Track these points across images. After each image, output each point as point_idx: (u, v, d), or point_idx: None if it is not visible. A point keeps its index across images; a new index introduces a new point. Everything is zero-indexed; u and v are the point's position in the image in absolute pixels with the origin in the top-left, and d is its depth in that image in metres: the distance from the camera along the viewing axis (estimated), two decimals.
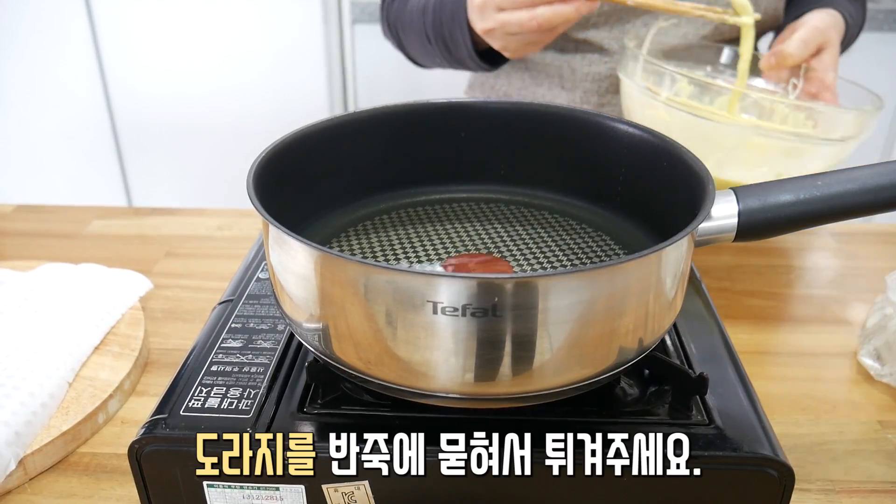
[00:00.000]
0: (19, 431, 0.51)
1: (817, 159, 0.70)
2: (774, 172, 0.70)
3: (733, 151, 0.69)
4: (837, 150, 0.70)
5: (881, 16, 1.63)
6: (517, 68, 0.98)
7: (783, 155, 0.69)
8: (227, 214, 0.91)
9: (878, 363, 0.61)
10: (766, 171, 0.70)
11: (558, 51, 0.94)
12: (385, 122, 0.56)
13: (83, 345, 0.60)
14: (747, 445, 0.42)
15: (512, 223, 0.57)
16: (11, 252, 0.82)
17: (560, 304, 0.37)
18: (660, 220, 0.51)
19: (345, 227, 0.56)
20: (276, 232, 0.40)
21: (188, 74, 1.82)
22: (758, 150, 0.69)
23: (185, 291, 0.75)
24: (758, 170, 0.70)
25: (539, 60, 0.95)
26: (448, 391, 0.40)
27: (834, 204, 0.43)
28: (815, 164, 0.70)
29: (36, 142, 1.92)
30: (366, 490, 0.43)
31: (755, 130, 0.68)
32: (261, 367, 0.48)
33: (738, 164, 0.70)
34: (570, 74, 0.94)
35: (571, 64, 0.94)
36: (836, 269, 0.79)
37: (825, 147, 0.69)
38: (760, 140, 0.68)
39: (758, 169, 0.70)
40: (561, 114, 0.56)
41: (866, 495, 0.50)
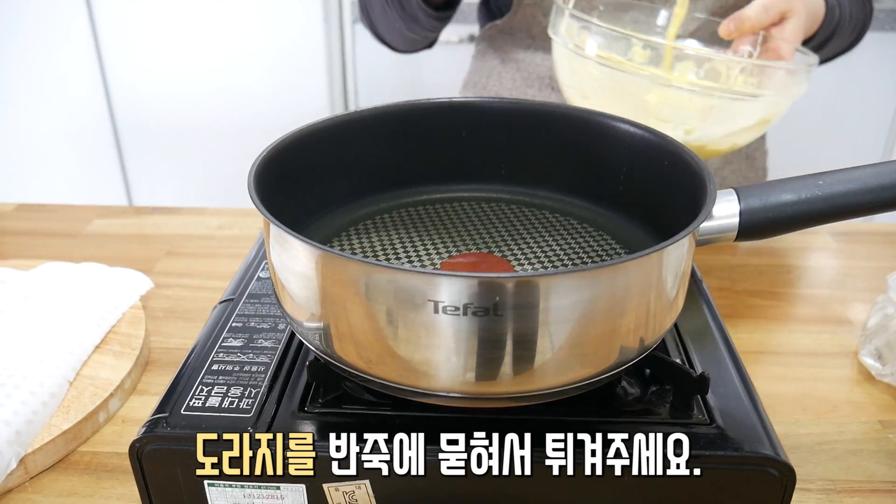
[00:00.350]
0: (20, 430, 0.51)
1: (731, 117, 0.67)
2: (683, 128, 0.67)
3: (642, 104, 0.66)
4: (750, 109, 0.66)
5: (882, 15, 1.62)
6: (508, 69, 0.97)
7: (694, 112, 0.66)
8: (228, 214, 0.91)
9: (879, 363, 0.61)
10: (672, 127, 0.67)
11: (548, 51, 0.93)
12: (386, 121, 0.56)
13: (84, 344, 0.60)
14: (748, 445, 0.42)
15: (513, 222, 0.57)
16: (12, 251, 0.82)
17: (561, 303, 0.37)
18: (661, 219, 0.51)
19: (346, 226, 0.56)
20: (277, 231, 0.40)
21: (189, 74, 1.82)
22: (665, 104, 0.66)
23: (185, 290, 0.75)
24: (666, 124, 0.66)
25: (530, 61, 0.95)
26: (449, 390, 0.40)
27: (835, 203, 0.43)
28: (728, 124, 0.67)
29: (37, 141, 1.92)
30: (367, 489, 0.43)
31: (655, 79, 0.65)
32: (262, 367, 0.48)
33: (648, 119, 0.65)
34: None
35: None
36: (836, 268, 0.79)
37: (737, 104, 0.65)
38: (665, 93, 0.65)
39: (665, 123, 0.67)
40: (562, 113, 0.56)
41: (867, 495, 0.50)
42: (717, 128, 0.67)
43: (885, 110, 1.74)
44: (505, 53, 0.97)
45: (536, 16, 0.90)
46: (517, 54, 0.96)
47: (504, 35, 0.97)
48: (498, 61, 0.98)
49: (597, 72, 0.68)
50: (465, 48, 1.78)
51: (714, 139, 0.68)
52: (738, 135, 0.69)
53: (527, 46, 0.94)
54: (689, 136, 0.68)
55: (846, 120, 1.74)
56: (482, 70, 1.00)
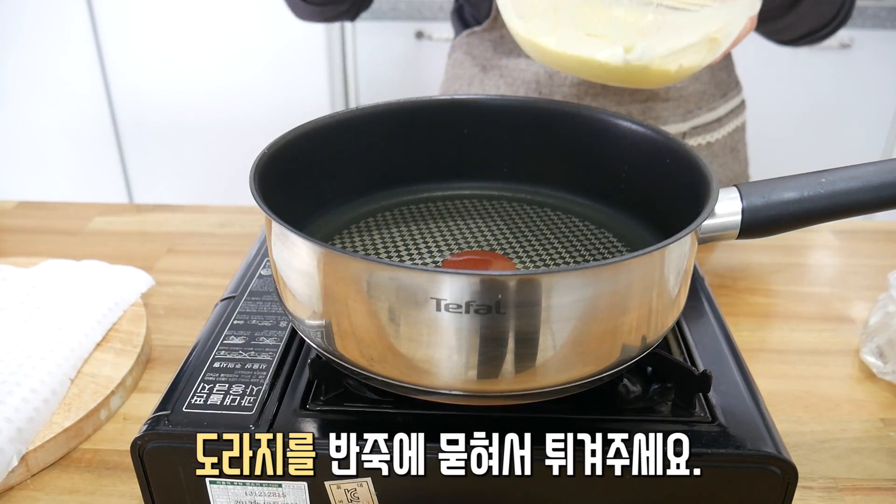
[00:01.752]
0: (21, 428, 0.51)
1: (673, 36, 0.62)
2: (622, 46, 0.62)
3: (575, 19, 0.63)
4: (695, 25, 0.62)
5: (884, 13, 1.62)
6: (491, 76, 0.94)
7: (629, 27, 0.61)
8: (229, 211, 0.91)
9: (880, 361, 0.61)
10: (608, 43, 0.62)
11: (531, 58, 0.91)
12: (388, 119, 0.56)
13: (85, 341, 0.60)
14: (751, 443, 0.42)
15: (515, 220, 0.57)
16: (13, 248, 0.82)
17: (563, 301, 0.37)
18: (663, 217, 0.51)
19: (347, 223, 0.56)
20: (279, 228, 0.40)
21: (190, 71, 1.82)
22: (600, 18, 0.62)
23: (186, 288, 0.75)
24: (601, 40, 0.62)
25: (514, 67, 0.92)
26: (451, 388, 0.40)
27: (838, 201, 0.43)
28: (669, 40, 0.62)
29: (37, 138, 1.92)
30: (368, 487, 0.43)
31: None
32: (263, 364, 0.48)
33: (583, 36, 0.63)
34: (547, 80, 0.91)
35: (548, 69, 0.90)
36: (838, 266, 0.79)
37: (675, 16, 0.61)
38: (597, 6, 0.61)
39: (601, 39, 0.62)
40: (564, 110, 0.56)
41: (869, 493, 0.50)
42: (659, 45, 0.62)
43: (886, 108, 1.74)
44: (486, 61, 0.94)
45: None
46: (499, 61, 0.93)
47: (483, 42, 0.94)
48: (478, 69, 0.95)
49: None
50: None
51: (658, 57, 0.63)
52: (684, 54, 0.64)
53: (509, 52, 0.91)
54: (629, 54, 0.62)
55: (847, 118, 1.74)
56: (461, 78, 0.97)
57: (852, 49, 1.65)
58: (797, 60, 1.60)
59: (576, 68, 0.66)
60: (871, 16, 1.62)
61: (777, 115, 1.70)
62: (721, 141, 0.94)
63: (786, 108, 1.70)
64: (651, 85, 0.68)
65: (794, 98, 1.69)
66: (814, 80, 1.68)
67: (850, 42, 1.63)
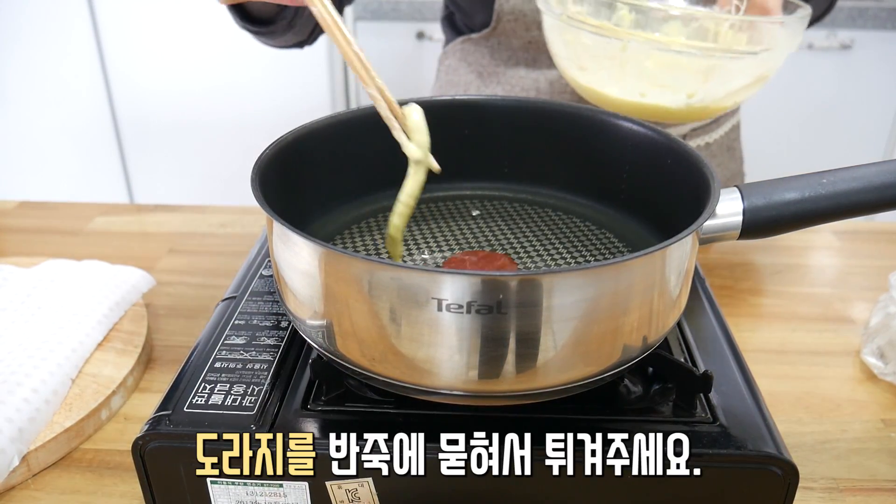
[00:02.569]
0: (23, 428, 0.51)
1: (731, 76, 0.66)
2: (685, 93, 0.67)
3: (640, 71, 0.66)
4: (750, 66, 0.66)
5: (884, 14, 1.62)
6: (488, 83, 0.93)
7: (694, 73, 0.65)
8: (230, 212, 0.91)
9: (881, 362, 0.61)
10: (675, 93, 0.67)
11: (530, 65, 0.90)
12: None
13: (86, 341, 0.60)
14: (752, 443, 0.42)
15: (516, 220, 0.57)
16: (14, 248, 0.82)
17: (565, 301, 0.37)
18: (664, 217, 0.51)
19: (349, 224, 0.56)
20: (280, 228, 0.40)
21: (190, 71, 1.82)
22: (667, 68, 0.65)
23: (187, 288, 0.75)
24: (666, 89, 0.66)
25: (512, 74, 0.92)
26: (452, 388, 0.40)
27: (839, 202, 0.43)
28: (729, 83, 0.67)
29: (38, 139, 1.92)
30: (369, 487, 0.43)
31: (654, 45, 0.64)
32: (264, 364, 0.48)
33: (649, 86, 0.67)
34: (547, 88, 0.90)
35: (548, 77, 0.90)
36: (838, 267, 0.79)
37: (736, 62, 0.65)
38: (667, 58, 0.64)
39: (666, 88, 0.66)
40: (565, 111, 0.56)
41: (870, 494, 0.50)
42: (718, 88, 0.67)
43: (887, 109, 1.74)
44: (482, 68, 0.93)
45: (517, 30, 0.87)
46: (497, 68, 0.92)
47: (480, 49, 0.93)
48: (474, 76, 0.94)
49: (590, 41, 0.66)
50: None
51: (714, 99, 0.68)
52: (739, 92, 0.68)
53: (507, 59, 0.91)
54: (691, 99, 0.67)
55: (847, 118, 1.74)
56: (457, 84, 0.96)
57: (853, 50, 1.65)
58: (798, 61, 1.60)
59: (636, 112, 0.68)
60: (871, 16, 1.62)
61: (778, 116, 1.70)
62: (719, 141, 0.95)
63: (786, 109, 1.70)
64: (705, 119, 0.71)
65: (794, 99, 1.69)
66: (814, 81, 1.68)
67: (850, 43, 1.63)
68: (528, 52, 0.89)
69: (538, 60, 0.90)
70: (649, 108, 0.68)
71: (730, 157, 0.98)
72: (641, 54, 0.65)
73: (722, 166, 0.97)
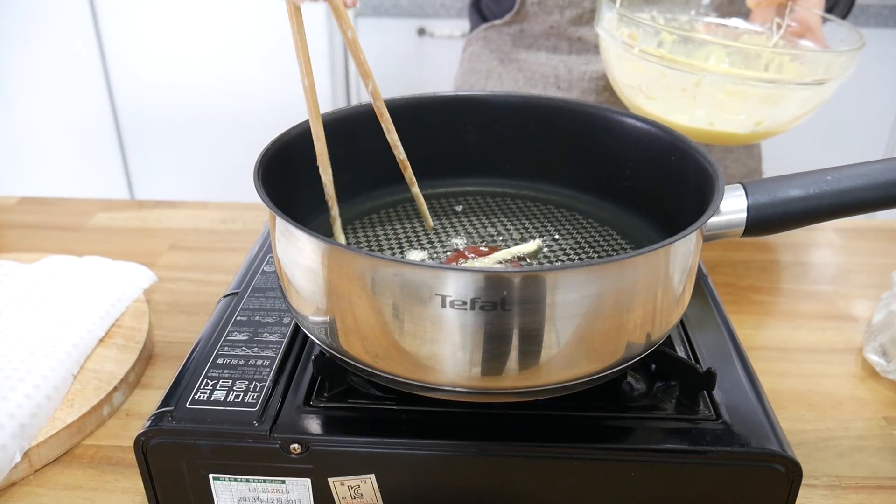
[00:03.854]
0: (24, 423, 0.51)
1: (797, 104, 0.69)
2: (753, 121, 0.69)
3: (712, 101, 0.68)
4: (815, 94, 0.69)
5: (886, 12, 1.62)
6: (509, 70, 0.96)
7: (762, 102, 0.68)
8: (231, 208, 0.91)
9: (883, 359, 0.61)
10: (744, 119, 0.69)
11: (551, 51, 0.92)
12: (392, 116, 0.56)
13: (88, 337, 0.60)
14: (755, 441, 0.42)
15: (518, 217, 0.56)
16: (15, 244, 0.82)
17: (568, 298, 0.37)
18: (667, 214, 0.51)
19: (351, 220, 0.56)
20: (283, 224, 0.40)
21: (191, 68, 1.82)
22: (736, 98, 0.67)
23: (189, 284, 0.74)
24: (736, 118, 0.69)
25: (533, 61, 0.93)
26: (455, 385, 0.40)
27: (843, 199, 0.43)
28: (794, 109, 0.69)
29: (39, 135, 1.92)
30: (371, 483, 0.43)
31: (729, 79, 0.67)
32: (267, 361, 0.48)
33: (718, 114, 0.69)
34: (566, 74, 0.92)
35: (567, 63, 0.92)
36: (840, 265, 0.79)
37: (803, 91, 0.68)
38: (738, 88, 0.67)
39: (736, 117, 0.69)
40: (568, 108, 0.56)
41: (872, 491, 0.50)
42: (784, 114, 0.69)
43: (888, 107, 1.74)
44: (504, 54, 0.95)
45: (539, 15, 0.90)
46: (518, 54, 0.94)
47: (502, 35, 0.95)
48: (496, 62, 0.96)
49: (664, 73, 0.68)
50: None
51: (781, 124, 0.70)
52: (802, 116, 0.71)
53: (528, 46, 0.93)
54: (758, 126, 0.70)
55: (848, 116, 1.73)
56: (479, 72, 0.98)
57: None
58: None
59: (701, 138, 0.71)
60: (872, 14, 1.61)
61: None
62: None
63: None
64: (764, 139, 0.75)
65: None
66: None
67: None
68: (549, 39, 0.91)
69: (558, 47, 0.92)
70: (716, 134, 0.70)
71: (748, 154, 0.98)
72: (716, 87, 0.67)
73: (738, 162, 0.97)
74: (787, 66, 0.69)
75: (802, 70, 0.68)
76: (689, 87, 0.67)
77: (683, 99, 0.68)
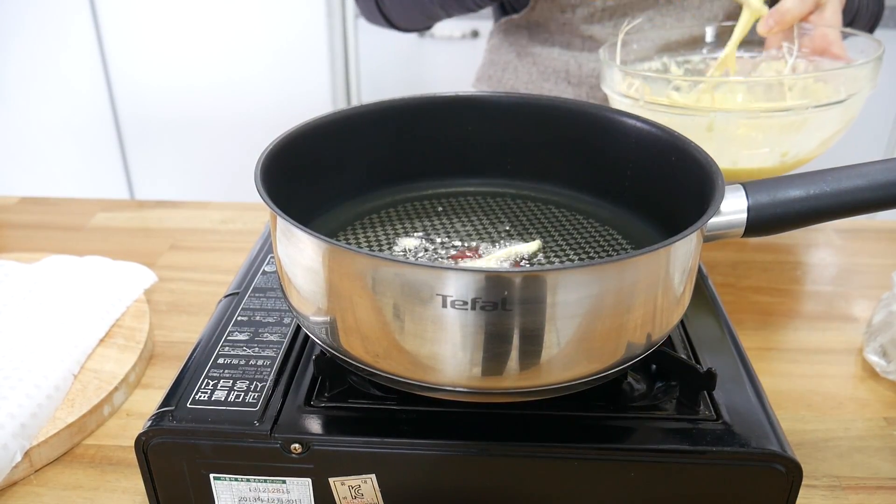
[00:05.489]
0: (25, 423, 0.51)
1: (821, 127, 0.67)
2: (778, 153, 0.67)
3: (730, 140, 0.66)
4: (841, 112, 0.66)
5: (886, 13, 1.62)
6: (524, 63, 0.98)
7: (783, 131, 0.66)
8: (231, 208, 0.91)
9: (883, 360, 0.61)
10: (768, 153, 0.67)
11: (565, 46, 0.94)
12: (392, 116, 0.56)
13: (88, 337, 0.60)
14: (755, 441, 0.42)
15: (519, 217, 0.57)
16: (16, 244, 0.82)
17: (569, 298, 0.37)
18: (667, 215, 0.51)
19: (351, 220, 0.56)
20: (284, 224, 0.40)
21: (191, 68, 1.82)
22: (755, 132, 0.66)
23: (189, 284, 0.75)
24: (759, 152, 0.67)
25: (546, 55, 0.96)
26: (455, 385, 0.40)
27: (844, 199, 0.43)
28: (820, 133, 0.67)
29: (39, 135, 1.92)
30: (372, 483, 0.43)
31: (742, 115, 0.65)
32: (267, 360, 0.48)
33: (739, 151, 0.67)
34: (576, 70, 0.94)
35: (578, 59, 0.94)
36: (840, 265, 0.79)
37: (826, 112, 0.65)
38: (753, 122, 0.65)
39: (759, 152, 0.67)
40: (569, 108, 0.56)
41: (872, 492, 0.50)
42: (811, 140, 0.67)
43: (888, 108, 1.74)
44: (521, 48, 0.98)
45: (553, 11, 0.91)
46: (533, 48, 0.96)
47: (520, 29, 0.97)
48: (513, 55, 0.99)
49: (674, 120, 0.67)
50: (467, 43, 1.78)
51: (808, 151, 0.68)
52: (827, 142, 0.69)
53: (543, 41, 0.95)
54: (785, 157, 0.68)
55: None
56: (497, 63, 1.01)
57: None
58: None
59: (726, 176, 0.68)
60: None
61: None
62: None
63: None
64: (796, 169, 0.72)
65: None
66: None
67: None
68: (563, 35, 0.93)
69: (572, 44, 0.93)
70: (741, 172, 0.68)
71: None
72: (730, 125, 0.65)
73: None
74: (811, 87, 0.68)
75: (827, 90, 0.66)
76: (702, 130, 0.66)
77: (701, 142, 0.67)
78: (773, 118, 0.64)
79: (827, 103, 0.65)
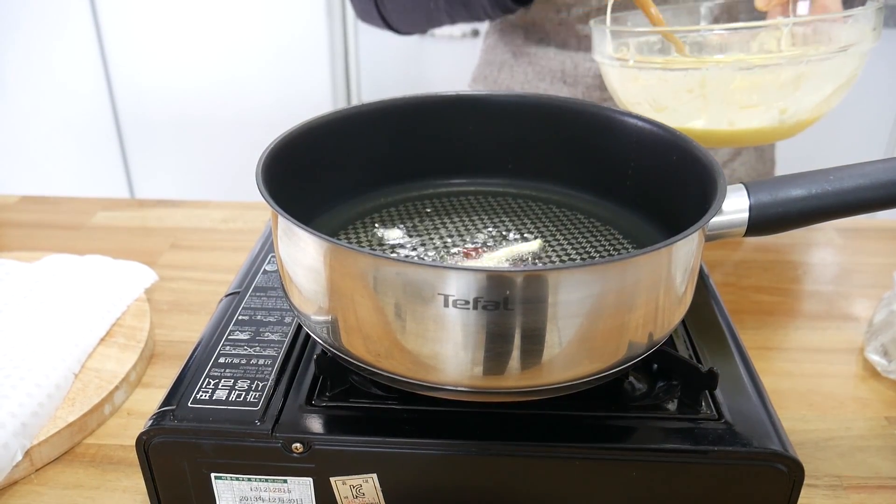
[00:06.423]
0: (26, 422, 0.51)
1: (821, 82, 0.63)
2: (777, 110, 0.64)
3: (725, 97, 0.64)
4: (840, 66, 0.63)
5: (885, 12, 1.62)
6: (520, 63, 0.98)
7: (780, 87, 0.63)
8: (232, 207, 0.91)
9: (885, 359, 0.61)
10: (765, 111, 0.64)
11: (560, 46, 0.94)
12: (393, 115, 0.56)
13: (89, 336, 0.60)
14: (757, 440, 0.42)
15: (520, 217, 0.56)
16: (16, 243, 0.82)
17: (571, 297, 0.37)
18: (669, 214, 0.51)
19: (352, 219, 0.56)
20: (285, 223, 0.40)
21: (191, 67, 1.82)
22: (750, 88, 0.63)
23: (190, 283, 0.74)
24: (756, 111, 0.64)
25: (542, 55, 0.95)
26: (457, 384, 0.40)
27: (846, 199, 0.43)
28: (820, 90, 0.64)
29: (40, 133, 1.92)
30: (374, 483, 0.43)
31: (735, 67, 0.61)
32: (269, 360, 0.48)
33: (735, 110, 0.65)
34: (572, 69, 0.94)
35: (574, 59, 0.93)
36: (841, 265, 0.79)
37: (825, 65, 0.62)
38: (748, 77, 0.62)
39: (756, 110, 0.64)
40: (570, 107, 0.56)
41: (874, 491, 0.50)
42: (809, 97, 0.64)
43: (887, 108, 1.74)
44: (516, 48, 0.97)
45: (549, 11, 0.91)
46: (529, 48, 0.96)
47: (516, 29, 0.97)
48: (509, 55, 0.98)
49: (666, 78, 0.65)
50: (467, 42, 1.78)
51: (808, 110, 0.65)
52: (830, 99, 0.66)
53: (539, 41, 0.95)
54: (784, 115, 0.65)
55: (848, 117, 1.73)
56: (493, 63, 1.01)
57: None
58: None
59: (727, 141, 0.67)
60: None
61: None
62: None
63: None
64: (798, 132, 0.69)
65: None
66: None
67: None
68: (559, 35, 0.92)
69: (567, 43, 0.93)
70: (740, 134, 0.66)
71: (758, 158, 0.99)
72: (724, 79, 0.63)
73: (747, 165, 0.97)
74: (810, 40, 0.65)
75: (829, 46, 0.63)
76: (696, 86, 0.64)
77: (693, 101, 0.65)
78: (769, 72, 0.62)
79: (825, 53, 0.62)
